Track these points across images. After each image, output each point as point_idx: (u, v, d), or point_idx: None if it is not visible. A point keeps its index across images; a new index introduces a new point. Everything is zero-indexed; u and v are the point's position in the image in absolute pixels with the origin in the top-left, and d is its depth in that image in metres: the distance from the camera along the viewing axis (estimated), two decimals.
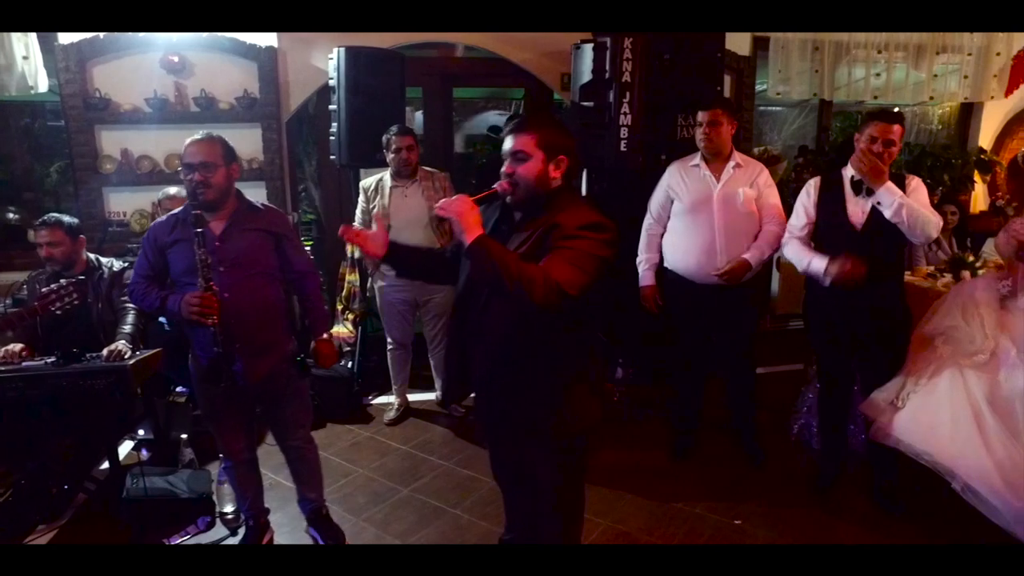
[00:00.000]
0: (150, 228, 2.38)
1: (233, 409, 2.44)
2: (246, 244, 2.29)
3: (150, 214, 4.34)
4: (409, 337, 3.73)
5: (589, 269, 1.63)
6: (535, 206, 1.76)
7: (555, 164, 1.74)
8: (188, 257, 2.20)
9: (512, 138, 1.76)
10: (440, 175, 3.64)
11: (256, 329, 2.31)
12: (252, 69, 4.34)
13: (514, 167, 1.74)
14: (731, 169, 3.02)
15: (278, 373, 2.41)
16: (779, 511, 2.86)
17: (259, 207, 2.41)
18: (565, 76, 4.67)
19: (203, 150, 2.21)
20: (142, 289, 2.32)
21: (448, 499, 2.98)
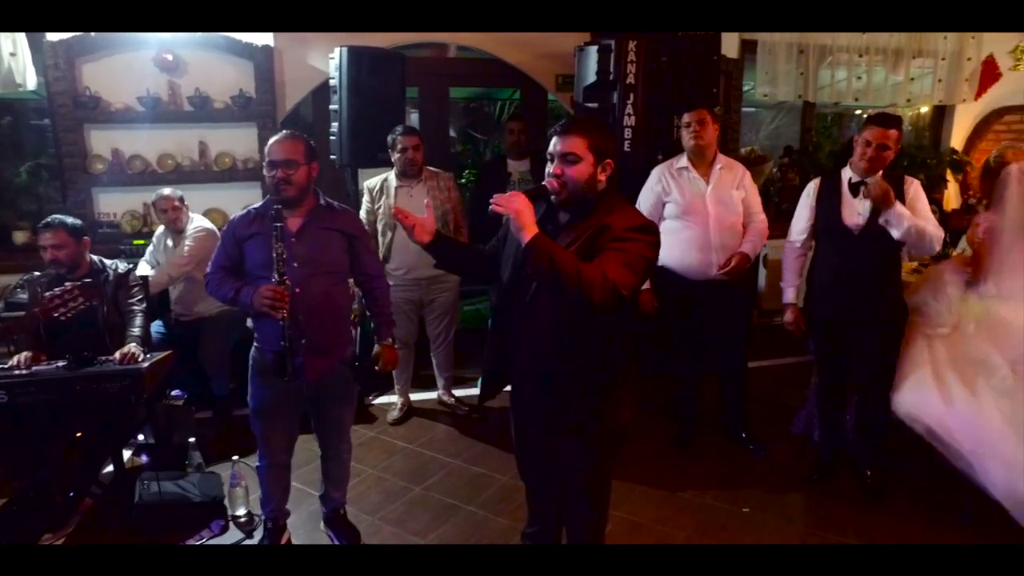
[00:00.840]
0: (230, 221, 2.43)
1: (285, 407, 2.45)
2: (321, 242, 2.34)
3: (142, 215, 4.28)
4: (413, 337, 3.75)
5: (639, 270, 1.68)
6: (582, 208, 1.78)
7: (602, 167, 1.78)
8: (264, 251, 2.25)
9: (561, 139, 1.77)
10: (445, 175, 3.66)
11: (321, 327, 2.35)
12: (248, 68, 4.30)
13: (563, 168, 1.76)
14: (718, 171, 3.13)
15: (336, 374, 2.45)
16: (784, 498, 2.96)
17: (335, 206, 2.44)
18: (560, 77, 4.74)
19: (286, 148, 2.26)
20: (218, 279, 2.37)
21: (461, 496, 3.01)
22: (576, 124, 1.81)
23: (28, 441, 2.76)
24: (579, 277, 1.59)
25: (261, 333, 2.40)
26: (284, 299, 2.19)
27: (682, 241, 3.15)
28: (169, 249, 3.68)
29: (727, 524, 2.80)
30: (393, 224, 3.52)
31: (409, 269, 3.55)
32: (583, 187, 1.76)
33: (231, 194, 4.36)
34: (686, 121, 3.13)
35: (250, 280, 2.33)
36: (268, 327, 2.30)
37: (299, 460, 2.71)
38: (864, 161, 2.67)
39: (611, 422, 1.88)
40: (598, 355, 1.82)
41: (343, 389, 2.54)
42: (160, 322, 3.68)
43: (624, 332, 1.87)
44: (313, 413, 2.57)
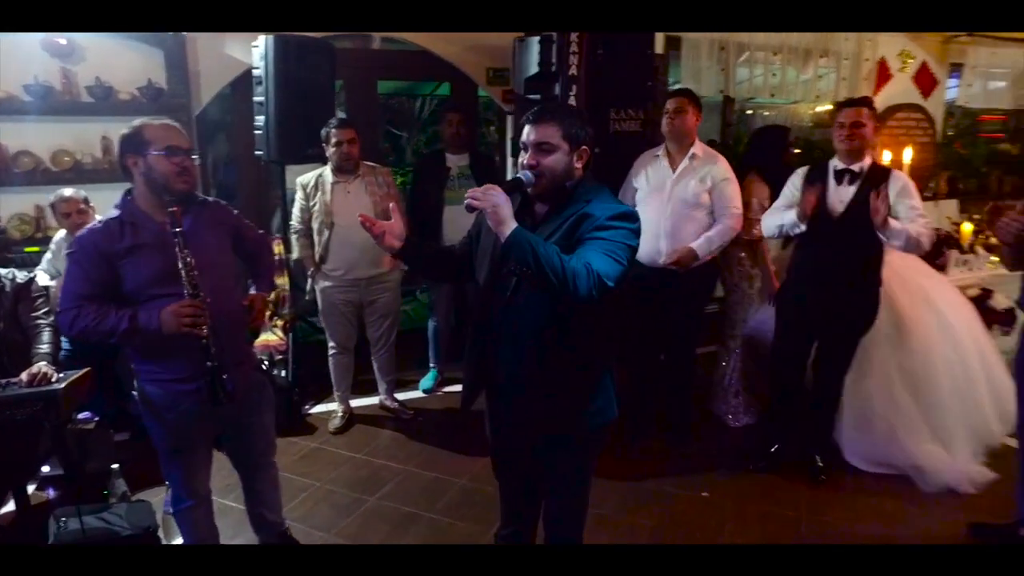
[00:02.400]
0: (83, 239, 1.93)
1: (205, 435, 2.16)
2: (215, 242, 2.05)
3: (34, 219, 3.84)
4: (352, 341, 3.57)
5: (623, 259, 1.64)
6: (560, 198, 1.73)
7: (578, 155, 1.72)
8: (153, 265, 1.90)
9: (535, 128, 1.70)
10: (383, 169, 3.51)
11: (236, 335, 2.10)
12: (157, 56, 3.93)
13: (538, 158, 1.69)
14: (688, 160, 3.14)
15: (254, 381, 2.21)
16: (739, 481, 3.04)
17: (209, 200, 2.15)
18: (491, 71, 4.67)
19: (185, 134, 1.98)
20: (94, 312, 1.88)
21: (419, 504, 2.88)
22: (550, 111, 1.74)
23: None
24: (563, 269, 1.54)
25: (163, 364, 2.00)
26: (205, 313, 1.87)
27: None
28: None
29: (688, 510, 2.83)
30: (330, 223, 3.33)
31: (348, 269, 3.37)
32: (560, 176, 1.70)
33: None
34: (666, 108, 3.17)
35: (136, 302, 1.92)
36: (175, 354, 1.95)
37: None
38: (844, 142, 2.75)
39: (598, 421, 1.83)
40: (584, 352, 1.76)
41: (261, 394, 2.27)
42: (67, 338, 3.31)
43: (609, 326, 1.83)
44: (234, 431, 2.26)
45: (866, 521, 2.75)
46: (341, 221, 3.30)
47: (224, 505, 2.81)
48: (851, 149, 2.75)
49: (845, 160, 2.80)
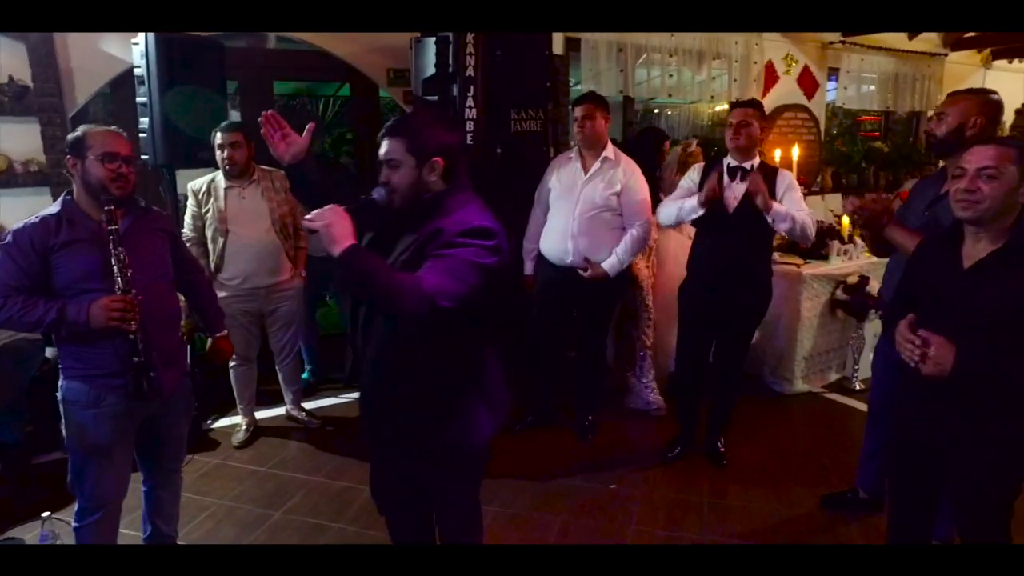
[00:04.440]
0: (18, 232, 1.99)
1: (124, 438, 2.12)
2: (151, 244, 2.12)
3: None
4: (254, 351, 3.43)
5: (467, 278, 1.56)
6: (419, 212, 1.66)
7: (429, 167, 1.64)
8: (86, 260, 1.96)
9: (383, 143, 1.66)
10: (279, 173, 3.38)
11: (166, 336, 2.13)
12: (19, 51, 3.63)
13: (388, 175, 1.64)
14: (599, 163, 3.21)
15: (182, 387, 2.24)
16: (646, 472, 3.14)
17: (151, 208, 2.19)
18: (391, 71, 4.61)
19: (125, 141, 2.03)
20: (21, 303, 1.93)
21: (327, 514, 2.81)
22: (393, 126, 1.68)
23: None
24: (388, 288, 1.51)
25: (89, 358, 2.03)
26: (134, 309, 1.94)
27: (549, 227, 3.30)
28: None
29: (598, 502, 2.90)
30: (224, 230, 3.20)
31: (245, 278, 3.25)
32: (409, 191, 1.64)
33: (12, 201, 3.69)
34: (575, 115, 3.23)
35: (66, 296, 1.97)
36: (102, 348, 1.99)
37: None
38: (732, 140, 2.89)
39: (458, 441, 1.76)
40: (434, 370, 1.71)
41: (187, 403, 2.35)
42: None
43: (473, 345, 1.77)
44: (150, 437, 2.23)
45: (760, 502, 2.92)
46: (237, 228, 3.18)
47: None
48: (739, 147, 2.90)
49: (737, 158, 2.94)
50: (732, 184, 2.93)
